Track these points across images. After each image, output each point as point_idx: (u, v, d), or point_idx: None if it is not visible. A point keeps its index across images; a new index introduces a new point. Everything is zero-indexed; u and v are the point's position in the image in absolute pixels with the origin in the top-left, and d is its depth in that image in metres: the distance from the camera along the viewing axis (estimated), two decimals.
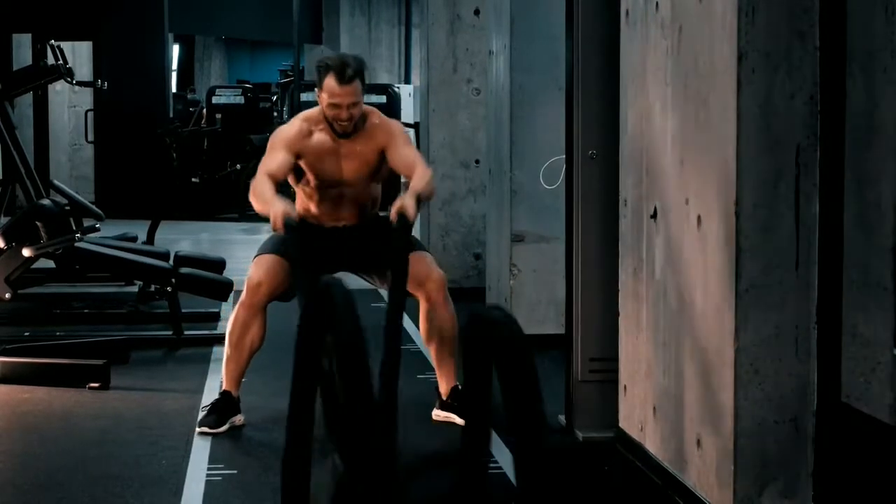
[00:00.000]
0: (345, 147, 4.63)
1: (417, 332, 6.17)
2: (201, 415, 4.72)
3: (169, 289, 6.35)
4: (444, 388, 4.79)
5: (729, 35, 3.24)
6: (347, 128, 4.59)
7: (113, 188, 13.75)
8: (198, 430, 4.63)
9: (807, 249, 3.24)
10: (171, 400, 5.20)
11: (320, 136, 4.63)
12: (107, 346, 5.88)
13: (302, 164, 4.64)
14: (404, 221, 4.21)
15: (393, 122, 4.77)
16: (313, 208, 4.73)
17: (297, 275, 4.28)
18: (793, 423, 3.28)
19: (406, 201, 4.26)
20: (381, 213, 4.83)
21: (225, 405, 4.71)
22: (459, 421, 4.72)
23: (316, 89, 4.61)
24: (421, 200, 4.35)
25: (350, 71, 4.53)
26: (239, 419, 4.75)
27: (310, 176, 4.66)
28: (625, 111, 4.19)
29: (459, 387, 4.76)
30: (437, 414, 4.81)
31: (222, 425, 4.66)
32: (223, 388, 4.77)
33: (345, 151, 4.64)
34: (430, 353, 4.80)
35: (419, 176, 4.51)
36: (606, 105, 4.43)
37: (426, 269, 4.63)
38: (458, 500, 2.52)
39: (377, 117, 4.71)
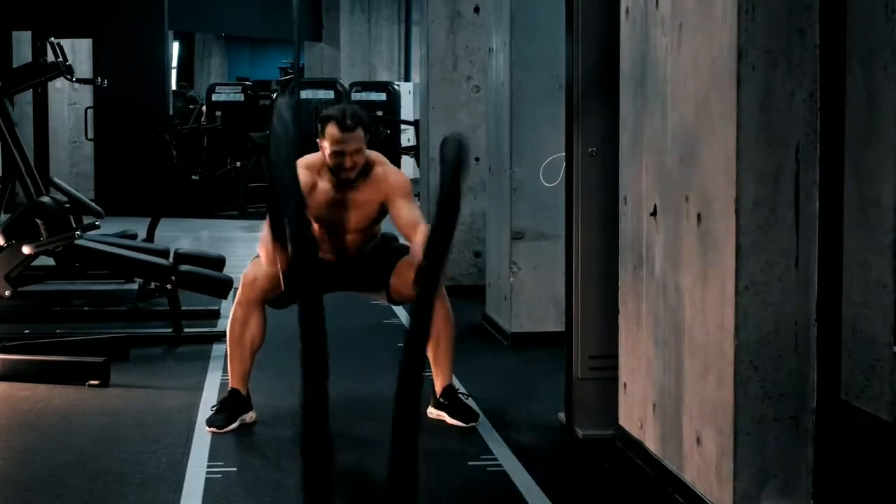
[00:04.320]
0: (347, 196, 4.63)
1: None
2: (209, 414, 4.71)
3: (169, 286, 6.35)
4: (438, 387, 4.79)
5: (729, 32, 3.24)
6: (350, 176, 4.58)
7: (113, 185, 13.74)
8: (206, 429, 4.61)
9: (807, 247, 3.24)
10: (170, 397, 5.20)
11: (324, 187, 4.62)
12: (106, 344, 5.88)
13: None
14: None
15: (396, 173, 4.75)
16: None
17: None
18: (792, 421, 3.28)
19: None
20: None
21: (233, 403, 4.70)
22: (450, 420, 4.73)
23: (318, 139, 4.60)
24: None
25: (351, 119, 4.52)
26: (250, 416, 4.73)
27: (313, 222, 4.67)
28: (625, 108, 4.18)
29: (453, 386, 4.76)
30: (431, 412, 4.81)
31: (231, 424, 4.64)
32: (230, 386, 4.76)
33: (348, 201, 4.64)
34: (427, 351, 4.79)
35: (421, 243, 4.49)
36: (606, 102, 4.43)
37: None
38: None
39: (381, 167, 4.69)
